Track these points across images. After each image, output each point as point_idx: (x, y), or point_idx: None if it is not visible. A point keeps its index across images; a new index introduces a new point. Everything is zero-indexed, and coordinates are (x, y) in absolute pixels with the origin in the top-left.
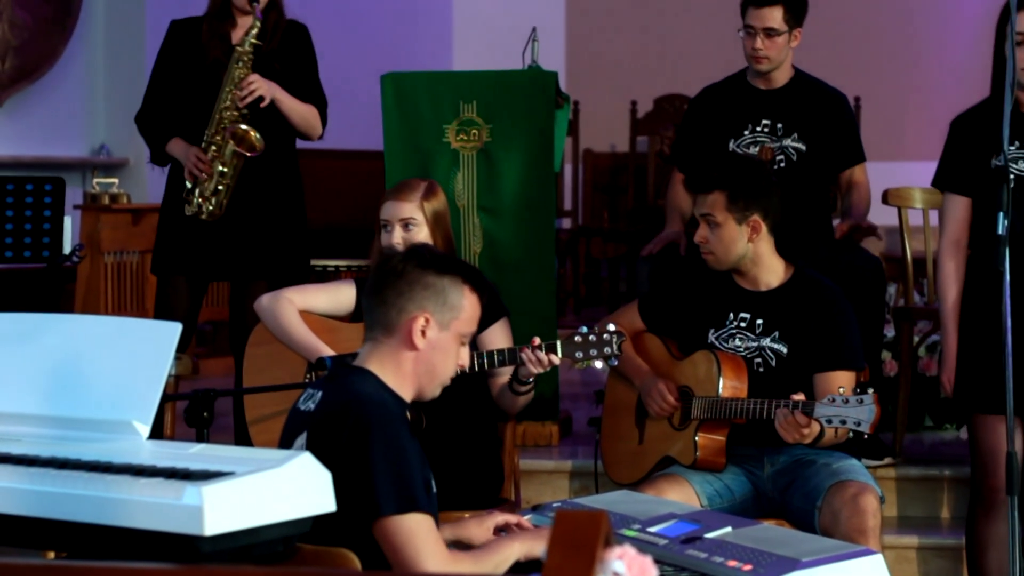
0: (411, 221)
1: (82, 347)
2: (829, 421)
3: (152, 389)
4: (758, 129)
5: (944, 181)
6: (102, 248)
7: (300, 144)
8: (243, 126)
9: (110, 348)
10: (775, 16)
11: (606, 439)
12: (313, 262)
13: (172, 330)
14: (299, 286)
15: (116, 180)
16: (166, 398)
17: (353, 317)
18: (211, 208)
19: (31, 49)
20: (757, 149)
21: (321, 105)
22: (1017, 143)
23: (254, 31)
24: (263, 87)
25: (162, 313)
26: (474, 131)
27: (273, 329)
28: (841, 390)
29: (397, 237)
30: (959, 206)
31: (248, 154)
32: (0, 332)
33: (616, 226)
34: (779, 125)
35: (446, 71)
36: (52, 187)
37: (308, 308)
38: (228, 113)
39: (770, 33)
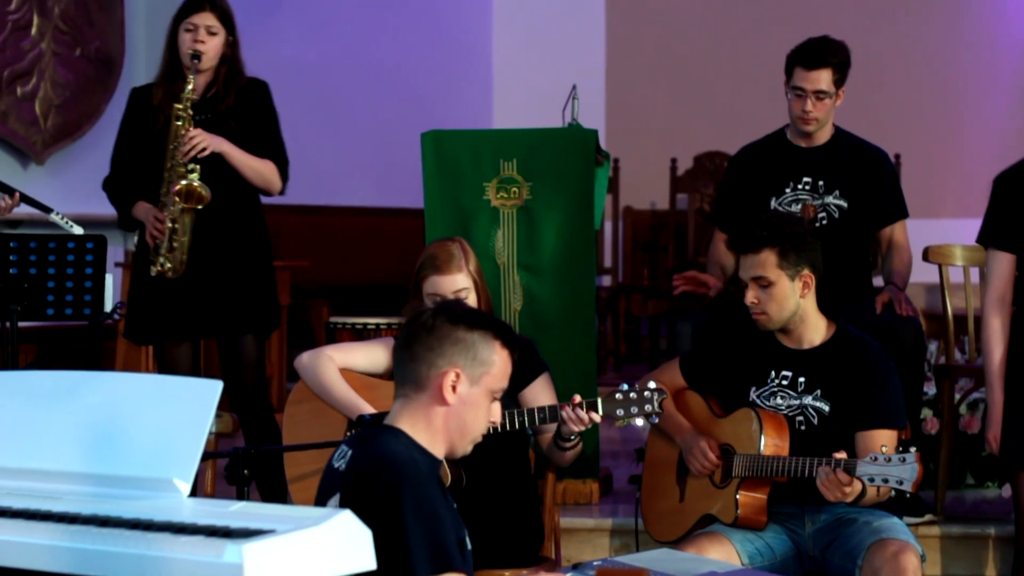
0: (463, 291)
1: (123, 405)
2: (871, 480)
3: (193, 447)
4: (799, 187)
5: (989, 238)
6: None
7: (340, 201)
8: (184, 181)
9: (151, 406)
10: (825, 78)
11: (647, 497)
12: (352, 319)
13: (213, 388)
14: (339, 343)
15: None
16: (206, 456)
17: (393, 375)
18: (171, 266)
19: (73, 107)
20: (799, 207)
21: (280, 161)
22: None
23: (189, 87)
24: (205, 139)
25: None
26: (514, 189)
27: (313, 386)
28: (883, 449)
29: None
30: (1004, 263)
31: (198, 207)
32: (42, 390)
33: (656, 283)
34: (820, 183)
35: (486, 129)
36: (94, 245)
37: (348, 366)
38: (175, 171)
39: (820, 95)
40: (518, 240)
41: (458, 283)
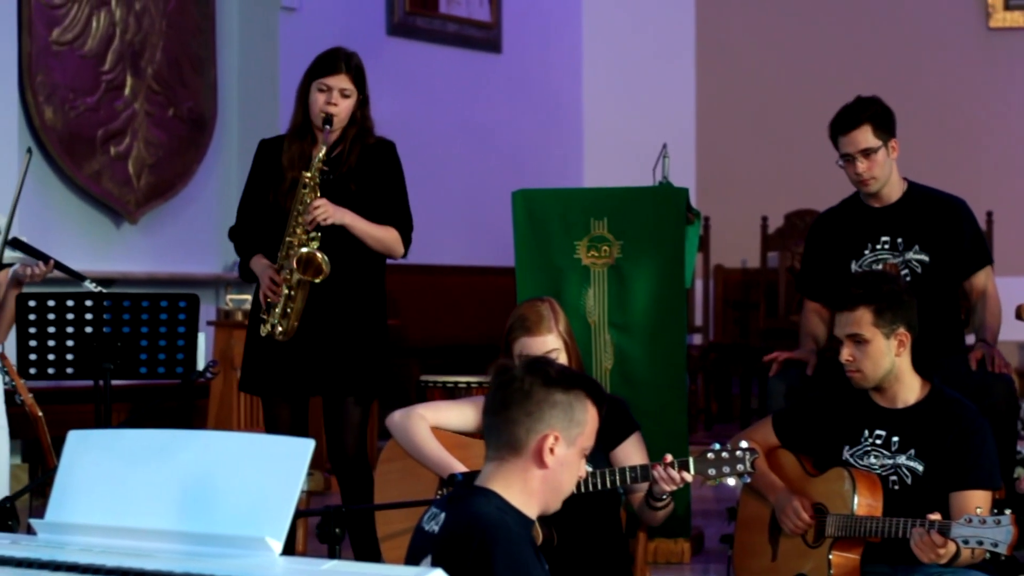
0: (553, 352)
1: (215, 463)
2: (966, 542)
3: (285, 505)
4: (878, 247)
5: None
6: (235, 364)
7: (431, 260)
8: (305, 250)
9: (243, 464)
10: (866, 136)
11: (739, 556)
12: (443, 378)
13: (305, 447)
14: (431, 402)
15: (249, 297)
16: (298, 514)
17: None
18: (281, 330)
19: (166, 167)
20: (880, 267)
21: (402, 225)
22: None
23: (321, 154)
24: (330, 211)
25: (269, 432)
26: (605, 247)
27: (405, 445)
28: (978, 510)
29: None
30: None
31: (315, 280)
32: (135, 448)
33: (747, 342)
34: (899, 240)
35: (577, 188)
36: (186, 304)
37: (440, 424)
38: (297, 237)
39: (867, 153)
40: (609, 299)
41: (548, 344)
